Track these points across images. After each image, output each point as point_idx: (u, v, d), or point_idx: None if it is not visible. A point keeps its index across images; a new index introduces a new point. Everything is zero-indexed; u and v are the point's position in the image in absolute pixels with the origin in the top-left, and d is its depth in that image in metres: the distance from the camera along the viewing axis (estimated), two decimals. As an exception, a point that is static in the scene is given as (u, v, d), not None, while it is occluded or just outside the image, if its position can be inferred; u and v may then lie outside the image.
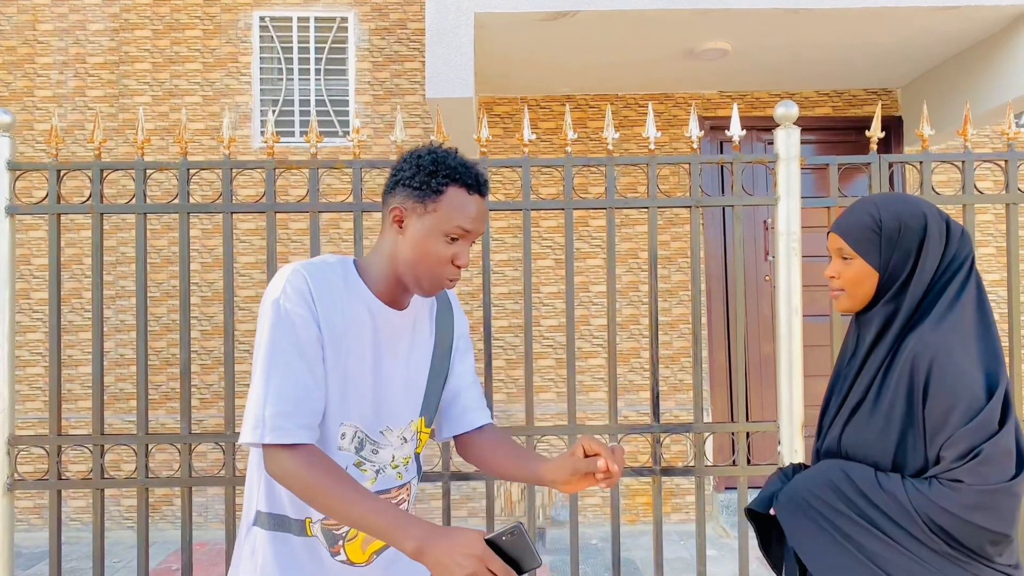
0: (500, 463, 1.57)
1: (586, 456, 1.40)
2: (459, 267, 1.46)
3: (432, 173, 1.42)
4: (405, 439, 1.52)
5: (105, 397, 2.94)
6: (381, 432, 1.48)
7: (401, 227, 1.45)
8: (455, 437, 1.65)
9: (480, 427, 1.65)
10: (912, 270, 1.47)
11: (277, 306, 1.37)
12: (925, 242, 1.47)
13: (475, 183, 1.45)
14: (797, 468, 1.64)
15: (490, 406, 2.77)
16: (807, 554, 1.46)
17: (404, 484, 1.55)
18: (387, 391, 1.48)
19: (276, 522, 1.46)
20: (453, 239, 1.43)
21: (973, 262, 1.48)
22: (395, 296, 1.50)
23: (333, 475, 1.31)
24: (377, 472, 1.49)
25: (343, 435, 1.44)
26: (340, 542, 1.47)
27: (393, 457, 1.51)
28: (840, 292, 1.55)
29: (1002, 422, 1.35)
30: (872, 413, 1.45)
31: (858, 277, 1.51)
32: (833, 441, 1.52)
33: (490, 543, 1.20)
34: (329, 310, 1.40)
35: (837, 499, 1.43)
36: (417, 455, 1.60)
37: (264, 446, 1.34)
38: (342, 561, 1.48)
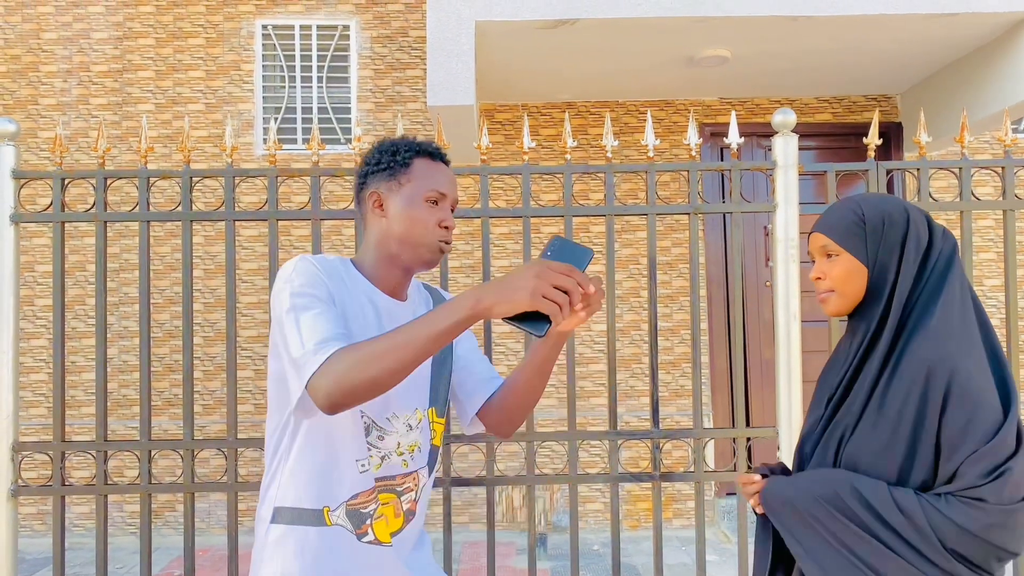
0: (518, 383, 1.59)
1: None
2: (447, 228, 1.54)
3: (395, 152, 1.56)
4: (410, 426, 1.55)
5: (108, 403, 2.96)
6: (387, 419, 1.51)
7: (383, 210, 1.54)
8: (479, 415, 1.67)
9: (496, 389, 1.68)
10: (899, 265, 1.43)
11: (292, 286, 1.39)
12: (908, 235, 1.43)
13: (436, 152, 1.59)
14: (774, 470, 1.61)
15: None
16: (806, 559, 1.42)
17: (410, 472, 1.56)
18: None
19: (295, 516, 1.47)
20: (433, 203, 1.53)
21: (959, 260, 1.44)
22: (393, 285, 1.56)
23: (371, 340, 1.29)
24: (382, 459, 1.51)
25: (352, 419, 1.47)
26: (368, 521, 1.49)
27: (399, 444, 1.53)
28: (829, 293, 1.49)
29: (1018, 437, 1.31)
30: (876, 423, 1.39)
31: (846, 273, 1.47)
32: (831, 450, 1.46)
33: None
34: (338, 294, 1.45)
35: (841, 512, 1.37)
36: (434, 447, 1.62)
37: (310, 380, 1.31)
38: (370, 541, 1.49)
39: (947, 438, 1.33)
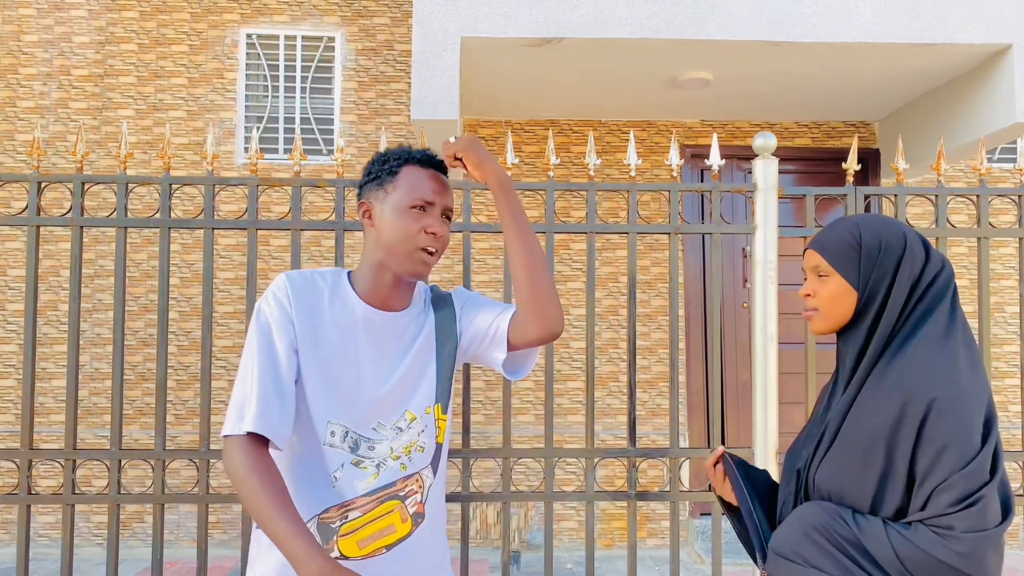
0: (519, 276, 1.63)
1: None
2: (432, 234, 1.53)
3: (384, 161, 1.57)
4: (400, 429, 1.56)
5: (78, 411, 2.91)
6: (373, 428, 1.53)
7: (371, 219, 1.56)
8: (512, 342, 1.62)
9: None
10: (889, 292, 1.40)
11: (259, 312, 1.50)
12: (902, 263, 1.39)
13: (426, 158, 1.58)
14: (740, 462, 1.60)
15: (467, 428, 2.78)
16: None
17: (411, 475, 1.57)
18: (376, 389, 1.53)
19: None
20: (420, 209, 1.53)
21: (955, 289, 1.41)
22: (385, 297, 1.57)
23: (272, 485, 1.37)
24: (378, 467, 1.53)
25: (332, 432, 1.50)
26: (334, 537, 1.50)
27: (391, 449, 1.54)
28: (814, 312, 1.47)
29: (994, 466, 1.29)
30: (846, 451, 1.37)
31: (835, 295, 1.44)
32: (803, 475, 1.45)
33: None
34: (307, 313, 1.50)
35: (816, 544, 1.35)
36: (438, 445, 1.62)
37: (226, 437, 1.43)
38: (335, 557, 1.50)
39: (920, 467, 1.30)
